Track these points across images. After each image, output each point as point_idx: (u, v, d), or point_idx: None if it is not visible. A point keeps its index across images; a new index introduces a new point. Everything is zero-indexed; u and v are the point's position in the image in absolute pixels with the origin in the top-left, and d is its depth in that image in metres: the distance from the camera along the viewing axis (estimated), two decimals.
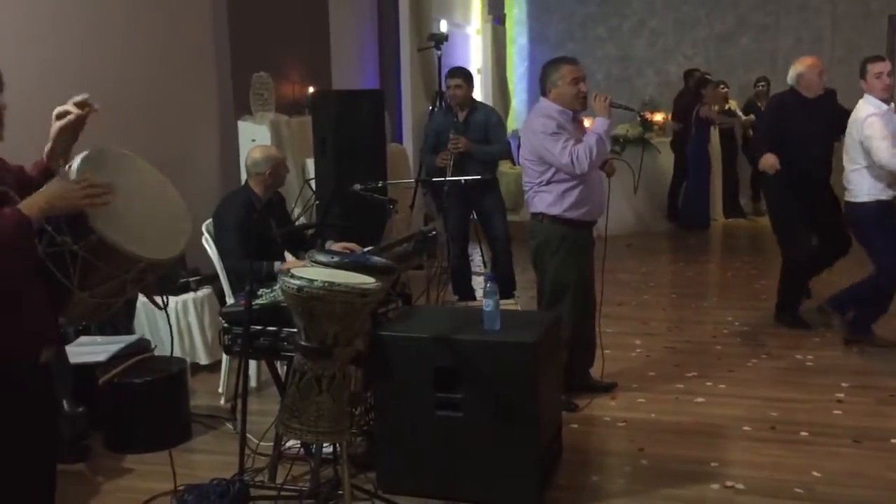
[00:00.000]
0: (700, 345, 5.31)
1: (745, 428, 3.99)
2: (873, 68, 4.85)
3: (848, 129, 4.95)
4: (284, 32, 6.47)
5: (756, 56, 11.42)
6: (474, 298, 5.82)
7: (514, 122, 11.83)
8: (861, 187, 4.87)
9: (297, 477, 3.42)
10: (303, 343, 2.40)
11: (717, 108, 9.52)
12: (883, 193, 4.84)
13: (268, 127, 5.89)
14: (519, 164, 5.33)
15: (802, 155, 5.20)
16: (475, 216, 5.93)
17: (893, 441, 3.79)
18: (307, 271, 2.48)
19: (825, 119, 5.30)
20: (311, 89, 6.60)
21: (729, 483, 3.43)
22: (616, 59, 12.12)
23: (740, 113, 10.09)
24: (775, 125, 5.40)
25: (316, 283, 2.27)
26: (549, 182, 4.06)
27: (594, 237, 4.35)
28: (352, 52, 7.86)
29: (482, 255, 6.13)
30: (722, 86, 9.88)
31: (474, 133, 5.71)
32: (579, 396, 4.34)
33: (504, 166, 9.65)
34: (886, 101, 4.85)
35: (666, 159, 9.66)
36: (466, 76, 5.82)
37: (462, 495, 3.29)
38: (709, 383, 4.60)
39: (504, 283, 5.50)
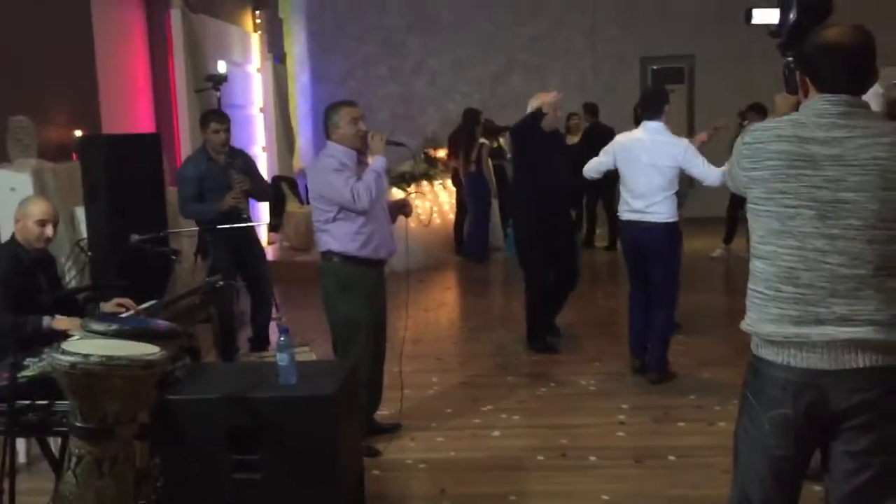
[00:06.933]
0: (493, 378, 5.47)
1: (539, 458, 4.14)
2: None
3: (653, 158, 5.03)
4: (46, 72, 5.99)
5: (527, 94, 12.11)
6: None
7: (299, 161, 11.73)
8: (671, 209, 5.03)
9: None
10: (79, 424, 2.19)
11: (491, 145, 9.92)
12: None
13: (29, 174, 5.40)
14: (307, 202, 5.17)
15: (546, 179, 5.64)
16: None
17: (671, 458, 4.08)
18: (81, 345, 2.27)
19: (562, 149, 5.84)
20: (78, 133, 6.16)
21: None
22: (398, 98, 12.41)
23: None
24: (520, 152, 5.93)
25: (92, 359, 2.07)
26: (335, 219, 4.11)
27: (387, 274, 4.39)
28: (123, 94, 7.42)
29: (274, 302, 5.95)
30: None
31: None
32: (378, 440, 4.32)
33: (292, 206, 9.55)
34: None
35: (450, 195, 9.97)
36: (229, 119, 5.70)
37: None
38: (503, 415, 4.74)
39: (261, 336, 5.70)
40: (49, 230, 3.84)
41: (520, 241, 5.99)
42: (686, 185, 5.43)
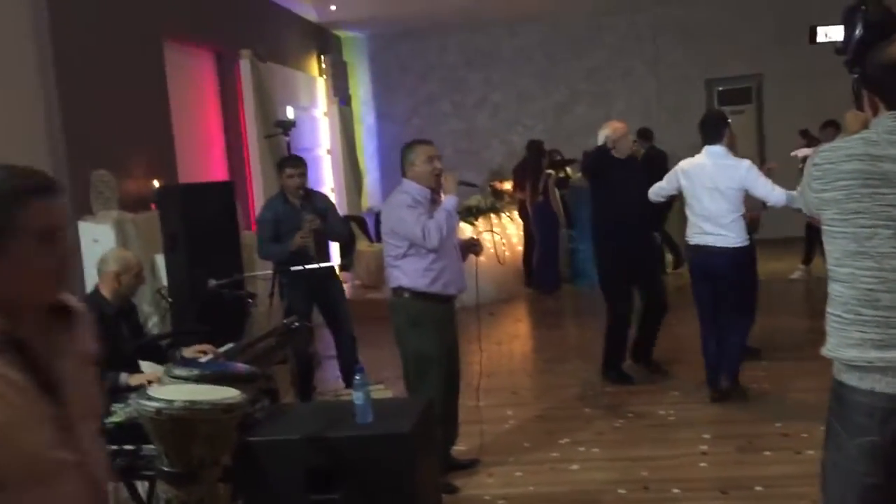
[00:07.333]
0: (569, 410, 5.40)
1: (621, 491, 4.07)
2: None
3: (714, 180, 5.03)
4: (124, 128, 6.26)
5: (592, 121, 12.07)
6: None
7: (366, 201, 11.91)
8: (740, 233, 4.99)
9: None
10: (165, 469, 2.26)
11: (557, 175, 9.90)
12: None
13: (111, 226, 5.62)
14: (376, 240, 5.21)
15: (621, 207, 5.58)
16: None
17: (758, 489, 3.96)
18: (165, 390, 2.35)
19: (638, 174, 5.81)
20: (156, 183, 6.39)
21: None
22: (461, 133, 12.51)
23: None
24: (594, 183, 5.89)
25: (176, 404, 2.15)
26: (405, 255, 4.15)
27: (457, 308, 4.42)
28: (197, 144, 7.69)
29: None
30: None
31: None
32: (456, 476, 4.31)
33: (362, 245, 9.68)
34: None
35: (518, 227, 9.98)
36: (304, 164, 5.84)
37: None
38: (581, 448, 4.68)
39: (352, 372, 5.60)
40: (143, 280, 4.01)
41: (602, 269, 5.88)
42: (759, 209, 5.32)
